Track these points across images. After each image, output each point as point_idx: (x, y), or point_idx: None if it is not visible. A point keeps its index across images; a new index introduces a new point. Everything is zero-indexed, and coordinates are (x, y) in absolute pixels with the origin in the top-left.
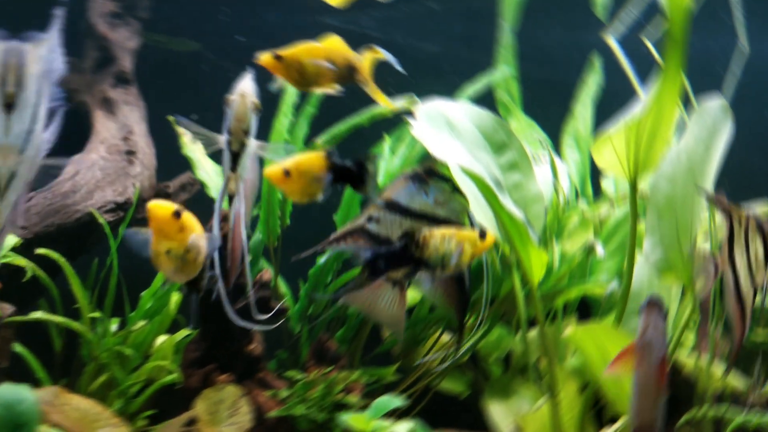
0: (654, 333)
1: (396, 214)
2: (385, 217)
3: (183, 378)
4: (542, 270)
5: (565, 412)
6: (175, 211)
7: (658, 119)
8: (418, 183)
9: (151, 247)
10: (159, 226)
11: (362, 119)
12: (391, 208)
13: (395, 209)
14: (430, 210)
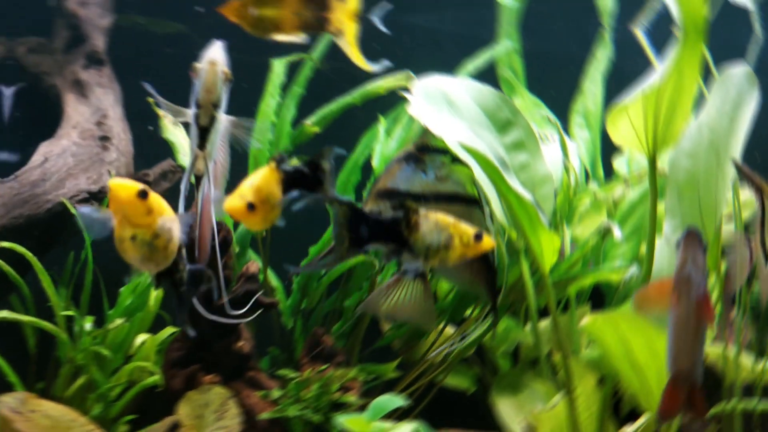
0: (693, 267)
1: (396, 201)
2: (387, 209)
3: (165, 380)
4: (554, 256)
5: (583, 409)
6: (140, 190)
7: (678, 88)
8: (414, 163)
9: (115, 233)
10: (122, 209)
11: (354, 98)
12: (390, 196)
13: (396, 197)
14: (434, 188)
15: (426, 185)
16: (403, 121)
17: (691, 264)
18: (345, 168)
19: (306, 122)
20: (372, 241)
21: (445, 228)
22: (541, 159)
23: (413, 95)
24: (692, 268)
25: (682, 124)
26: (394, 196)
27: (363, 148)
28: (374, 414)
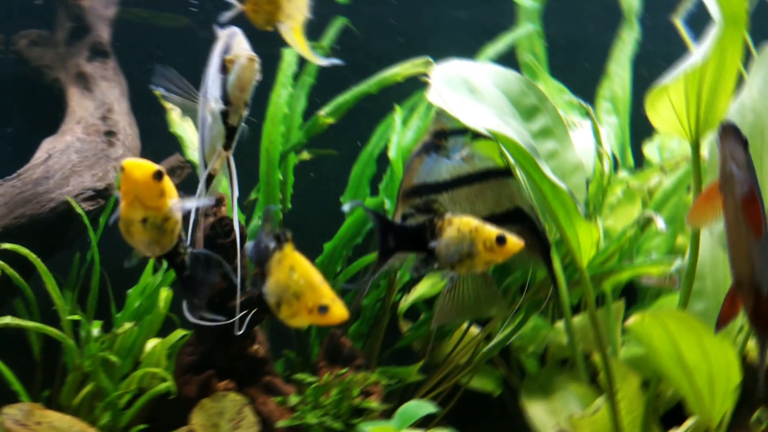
0: (733, 164)
1: (430, 195)
2: (420, 206)
3: (177, 386)
4: (593, 248)
5: (626, 413)
6: (156, 171)
7: (720, 68)
8: (434, 151)
9: (121, 214)
10: (136, 189)
11: (370, 86)
12: (421, 192)
13: (425, 191)
14: (463, 170)
15: (453, 169)
16: (420, 110)
17: (731, 161)
18: (359, 160)
19: (320, 113)
20: (398, 250)
21: (467, 234)
22: (570, 146)
23: (433, 81)
24: (732, 164)
25: (725, 106)
26: (424, 190)
27: (378, 139)
28: (402, 422)
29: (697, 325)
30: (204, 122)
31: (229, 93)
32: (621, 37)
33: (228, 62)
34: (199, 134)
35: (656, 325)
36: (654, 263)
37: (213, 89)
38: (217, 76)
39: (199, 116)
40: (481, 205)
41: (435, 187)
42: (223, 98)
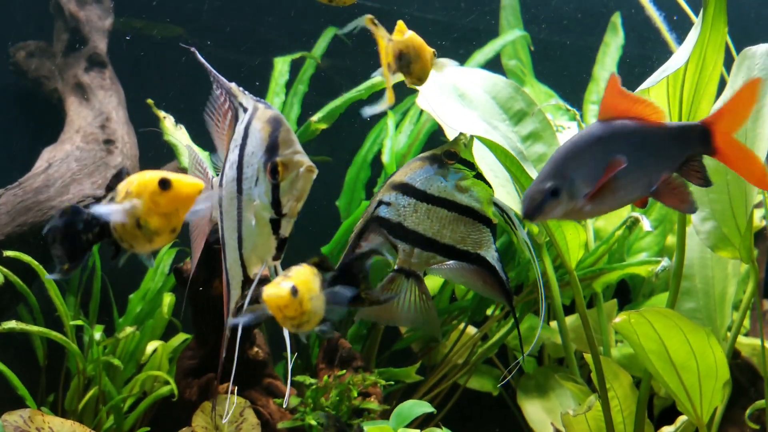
0: None
1: (410, 198)
2: (398, 201)
3: (179, 389)
4: (580, 250)
5: (618, 411)
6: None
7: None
8: (438, 166)
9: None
10: (182, 206)
11: (361, 92)
12: (405, 190)
13: (409, 192)
14: (450, 196)
15: (442, 191)
16: (412, 114)
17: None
18: (354, 164)
19: (312, 119)
20: None
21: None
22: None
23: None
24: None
25: (708, 107)
26: (408, 190)
27: (371, 143)
28: (399, 422)
29: (683, 322)
30: (240, 219)
31: (282, 203)
32: (605, 42)
33: (282, 167)
34: (226, 226)
35: (642, 324)
36: (642, 263)
37: (260, 193)
38: (263, 178)
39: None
40: (447, 232)
41: (420, 194)
42: (275, 206)
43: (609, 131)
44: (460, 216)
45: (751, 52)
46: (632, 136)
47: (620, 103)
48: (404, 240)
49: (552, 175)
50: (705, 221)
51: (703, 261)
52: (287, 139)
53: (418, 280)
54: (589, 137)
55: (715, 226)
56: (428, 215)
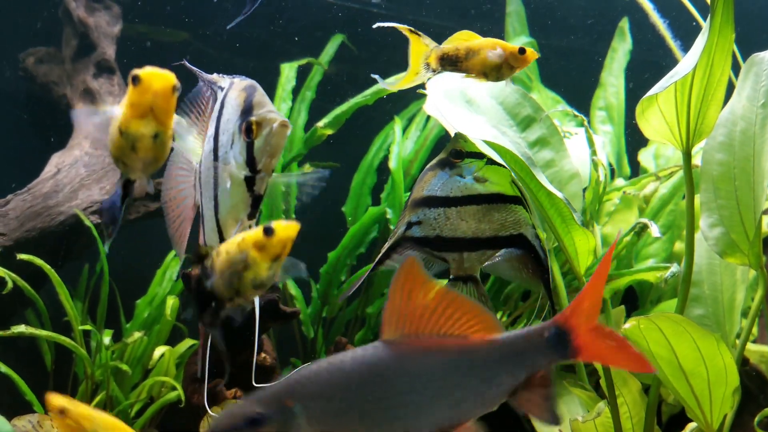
0: None
1: (438, 208)
2: (426, 216)
3: (186, 395)
4: (589, 256)
5: (627, 418)
6: (176, 83)
7: (709, 77)
8: (449, 168)
9: (129, 129)
10: (154, 102)
11: (366, 98)
12: (429, 203)
13: (434, 203)
14: (472, 191)
15: (465, 187)
16: (419, 120)
17: None
18: (360, 170)
19: (318, 124)
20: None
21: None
22: (566, 156)
23: (430, 93)
24: None
25: (716, 113)
26: (433, 202)
27: (377, 149)
28: None
29: (693, 328)
30: (216, 185)
31: (257, 159)
32: (613, 47)
33: (255, 125)
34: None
35: (652, 330)
36: (651, 269)
37: (235, 153)
38: (238, 139)
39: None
40: (486, 225)
41: (445, 201)
42: (249, 164)
43: (390, 364)
44: (490, 205)
45: (759, 59)
46: (434, 368)
47: (413, 312)
48: (449, 250)
49: (263, 402)
50: (713, 227)
51: (711, 267)
52: (261, 101)
53: (475, 283)
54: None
55: (723, 232)
56: (461, 217)
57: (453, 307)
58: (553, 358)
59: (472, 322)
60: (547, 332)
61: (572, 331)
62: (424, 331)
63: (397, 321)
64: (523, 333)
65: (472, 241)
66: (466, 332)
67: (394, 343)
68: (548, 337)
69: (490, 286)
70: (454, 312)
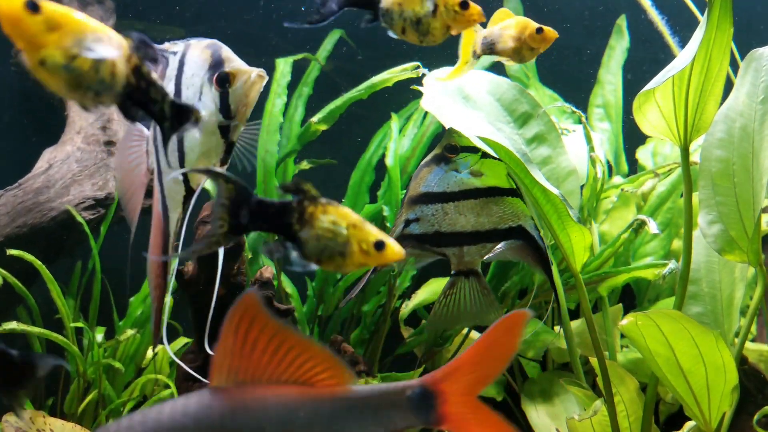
0: None
1: (435, 204)
2: (424, 213)
3: (179, 393)
4: (585, 253)
5: (624, 416)
6: (27, 2)
7: (707, 71)
8: (445, 164)
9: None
10: (13, 29)
11: (361, 92)
12: (426, 200)
13: (431, 199)
14: (469, 185)
15: (461, 182)
16: (416, 118)
17: None
18: (358, 168)
19: (312, 120)
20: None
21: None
22: (563, 152)
23: (426, 89)
24: None
25: (714, 108)
26: (430, 198)
27: (376, 147)
28: None
29: (691, 325)
30: (182, 137)
31: (233, 107)
32: (611, 45)
33: (231, 75)
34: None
35: (650, 326)
36: (648, 266)
37: (206, 103)
38: (209, 90)
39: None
40: (485, 219)
41: (442, 197)
42: (224, 112)
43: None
44: (488, 198)
45: (758, 54)
46: (270, 421)
47: (249, 355)
48: (449, 245)
49: None
50: (712, 224)
51: (709, 265)
52: (230, 56)
53: (477, 276)
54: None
55: (722, 229)
56: (459, 212)
57: (297, 350)
58: (412, 422)
59: (318, 369)
60: (409, 391)
61: (440, 395)
62: (261, 377)
63: (229, 365)
64: (381, 388)
65: (471, 235)
66: (311, 380)
67: (224, 391)
68: (410, 396)
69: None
70: (298, 357)
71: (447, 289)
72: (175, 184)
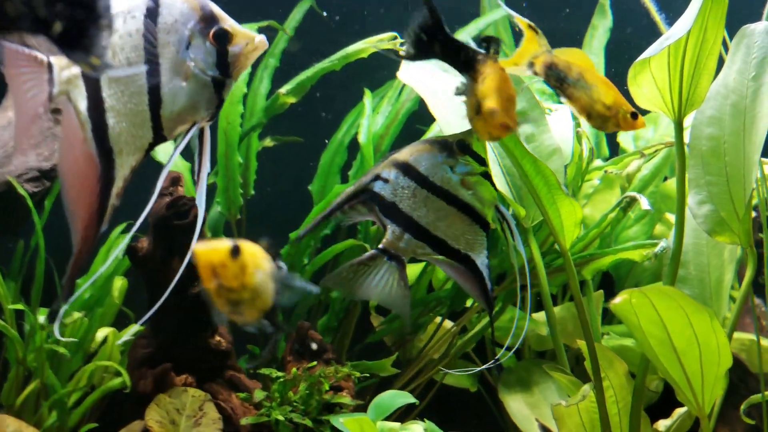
0: None
1: (411, 180)
2: (397, 180)
3: (132, 381)
4: (576, 229)
5: (612, 402)
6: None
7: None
8: (446, 155)
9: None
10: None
11: (333, 63)
12: (406, 171)
13: (411, 174)
14: (452, 189)
15: (446, 181)
16: (390, 95)
17: None
18: (329, 148)
19: (280, 91)
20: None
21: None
22: (547, 131)
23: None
24: None
25: (708, 83)
26: (410, 172)
27: (349, 126)
28: (378, 413)
29: (687, 303)
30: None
31: (231, 66)
32: (593, 24)
33: (231, 35)
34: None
35: (644, 305)
36: (636, 246)
37: (197, 55)
38: (201, 43)
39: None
40: (443, 226)
41: (422, 179)
42: (220, 68)
43: None
44: (459, 212)
45: (750, 30)
46: None
47: None
48: (395, 222)
49: None
50: (702, 204)
51: (697, 247)
52: (222, 14)
53: (400, 265)
54: None
55: (712, 209)
56: (426, 203)
57: None
58: None
59: None
60: None
61: None
62: None
63: None
64: None
65: (420, 230)
66: None
67: None
68: None
69: None
70: None
71: (365, 259)
72: (140, 127)
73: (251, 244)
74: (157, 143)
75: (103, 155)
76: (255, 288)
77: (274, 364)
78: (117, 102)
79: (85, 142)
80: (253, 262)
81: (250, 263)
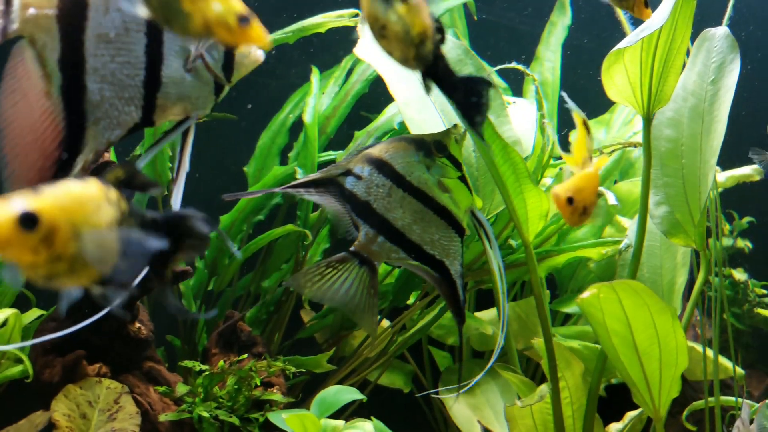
0: None
1: (386, 179)
2: (371, 177)
3: (36, 369)
4: (540, 221)
5: (567, 403)
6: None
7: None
8: (424, 154)
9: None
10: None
11: (288, 35)
12: (381, 169)
13: (386, 172)
14: (429, 190)
15: (423, 182)
16: (338, 75)
17: None
18: (269, 128)
19: None
20: None
21: None
22: (508, 122)
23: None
24: None
25: (674, 82)
26: (385, 169)
27: (293, 107)
28: (323, 410)
29: (652, 301)
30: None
31: (235, 70)
32: (552, 21)
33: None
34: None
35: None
36: (595, 244)
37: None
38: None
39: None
40: (419, 230)
41: (397, 178)
42: (226, 70)
43: None
44: (435, 216)
45: (710, 34)
46: None
47: None
48: (368, 223)
49: None
50: (659, 205)
51: (651, 249)
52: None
53: (371, 271)
54: None
55: (668, 210)
56: (402, 204)
57: None
58: None
59: None
60: None
61: None
62: None
63: None
64: None
65: (395, 232)
66: None
67: None
68: None
69: None
70: None
71: (334, 261)
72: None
73: (77, 186)
74: (144, 126)
75: (71, 119)
76: (74, 258)
77: (194, 357)
78: (103, 67)
79: (45, 96)
80: (69, 223)
81: (65, 227)
